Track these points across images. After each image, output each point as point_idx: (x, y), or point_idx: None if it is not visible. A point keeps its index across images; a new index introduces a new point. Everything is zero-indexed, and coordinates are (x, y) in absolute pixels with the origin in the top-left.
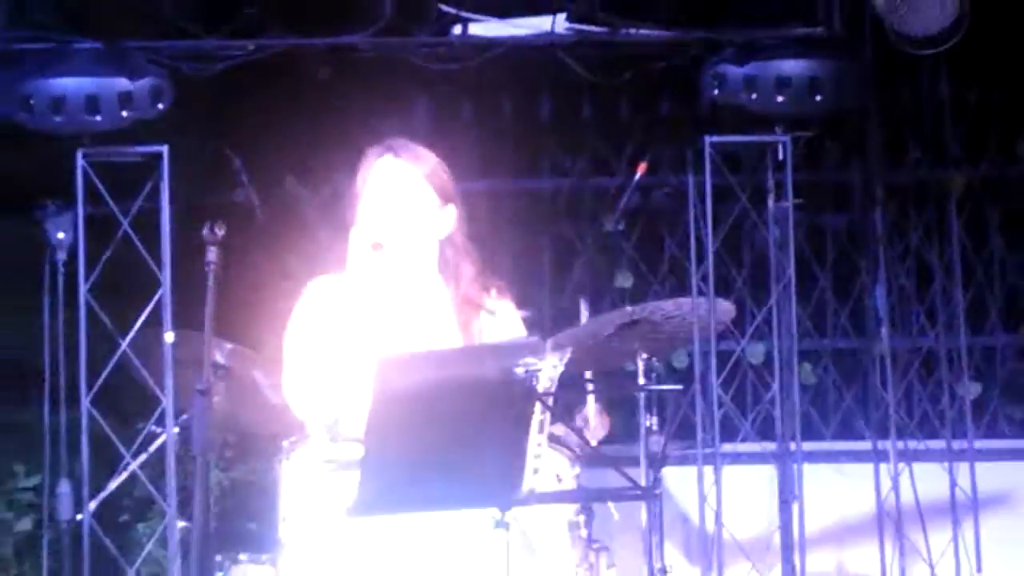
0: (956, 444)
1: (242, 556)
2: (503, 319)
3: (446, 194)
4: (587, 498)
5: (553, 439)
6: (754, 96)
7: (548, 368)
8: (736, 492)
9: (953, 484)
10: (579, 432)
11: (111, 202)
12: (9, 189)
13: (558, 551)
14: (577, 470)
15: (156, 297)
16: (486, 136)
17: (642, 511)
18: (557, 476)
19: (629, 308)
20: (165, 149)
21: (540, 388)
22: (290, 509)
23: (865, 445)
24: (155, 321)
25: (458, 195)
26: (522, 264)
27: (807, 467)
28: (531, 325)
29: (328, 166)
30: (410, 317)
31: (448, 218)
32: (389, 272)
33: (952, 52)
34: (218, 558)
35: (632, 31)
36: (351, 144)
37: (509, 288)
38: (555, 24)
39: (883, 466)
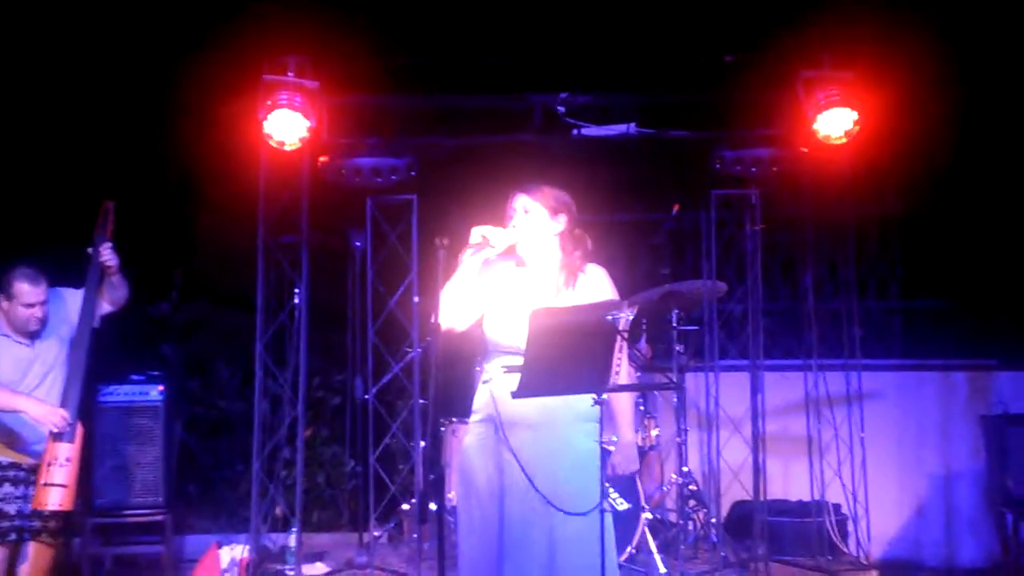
0: (851, 362)
1: (454, 419)
2: (591, 278)
3: (556, 208)
4: (644, 388)
5: (629, 356)
6: (739, 168)
7: (624, 316)
8: (726, 388)
9: (848, 384)
10: (641, 352)
11: (385, 225)
12: (334, 218)
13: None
14: (638, 373)
15: (409, 277)
16: (591, 191)
17: (674, 397)
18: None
19: (668, 285)
20: (415, 197)
21: (620, 327)
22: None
23: (798, 362)
24: (408, 290)
25: (567, 207)
26: (611, 261)
27: (766, 374)
28: (615, 293)
29: (499, 205)
30: (529, 277)
31: (559, 222)
32: (523, 259)
33: (852, 142)
34: (442, 420)
35: (672, 132)
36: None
37: (604, 263)
38: (629, 128)
39: (808, 374)
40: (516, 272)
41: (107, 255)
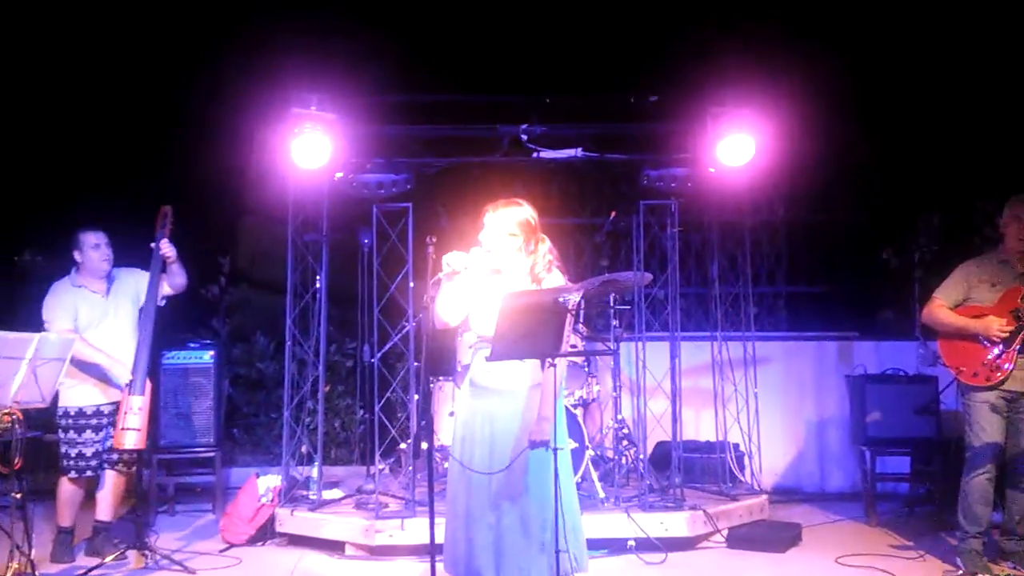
0: (747, 334)
1: (440, 377)
2: (550, 283)
3: (512, 229)
4: (588, 354)
5: (574, 329)
6: (661, 184)
7: (573, 298)
8: (651, 354)
9: (745, 351)
10: (585, 327)
11: (388, 227)
12: (347, 221)
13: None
14: (583, 343)
15: (406, 267)
16: (548, 201)
17: (611, 361)
18: (574, 345)
19: (606, 275)
20: (410, 205)
21: (570, 307)
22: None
23: (707, 334)
24: (405, 277)
25: (522, 226)
26: (562, 255)
27: (682, 343)
28: (569, 280)
29: (476, 212)
30: (503, 282)
31: (515, 240)
32: (491, 264)
33: (748, 164)
34: (431, 378)
35: (609, 156)
36: (487, 203)
37: (563, 268)
38: (577, 152)
39: (715, 343)
40: (492, 278)
41: (166, 248)
